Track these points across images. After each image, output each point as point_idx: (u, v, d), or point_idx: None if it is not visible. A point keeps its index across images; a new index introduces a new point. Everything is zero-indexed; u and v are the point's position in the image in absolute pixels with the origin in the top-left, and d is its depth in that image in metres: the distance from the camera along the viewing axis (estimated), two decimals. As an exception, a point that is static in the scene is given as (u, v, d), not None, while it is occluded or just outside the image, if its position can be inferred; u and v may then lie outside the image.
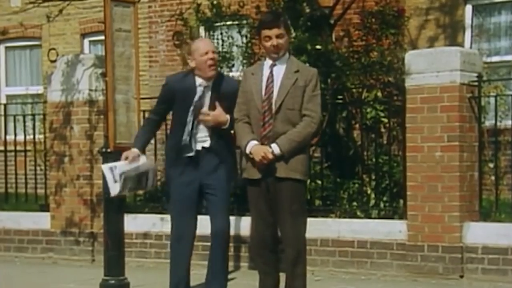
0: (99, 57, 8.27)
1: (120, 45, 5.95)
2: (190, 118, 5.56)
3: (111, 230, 6.05)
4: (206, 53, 5.54)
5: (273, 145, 5.20)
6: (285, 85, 5.25)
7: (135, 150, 5.70)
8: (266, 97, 5.25)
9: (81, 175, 8.35)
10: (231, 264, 7.76)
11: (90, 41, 13.38)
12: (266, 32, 5.33)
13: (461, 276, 6.87)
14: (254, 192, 5.35)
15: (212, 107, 5.57)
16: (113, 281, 6.05)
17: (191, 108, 5.56)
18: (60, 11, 8.88)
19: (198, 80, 5.58)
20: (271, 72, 5.32)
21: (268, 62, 5.39)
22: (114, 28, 5.92)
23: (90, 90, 8.32)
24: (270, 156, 5.18)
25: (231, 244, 7.84)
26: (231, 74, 9.28)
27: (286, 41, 5.36)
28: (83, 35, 13.35)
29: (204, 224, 5.85)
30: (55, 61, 8.61)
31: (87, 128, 8.34)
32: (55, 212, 8.52)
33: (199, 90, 5.57)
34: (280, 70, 5.31)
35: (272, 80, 5.29)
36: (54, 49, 9.04)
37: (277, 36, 5.29)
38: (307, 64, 8.25)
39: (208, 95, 5.59)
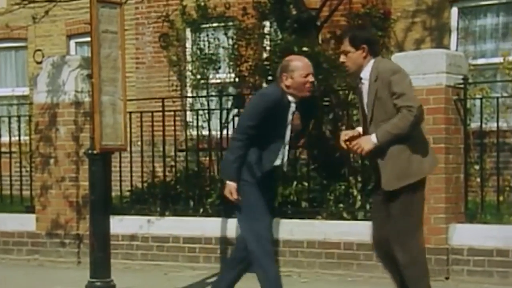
0: (86, 58, 8.25)
1: (106, 47, 5.93)
2: (287, 137, 5.53)
3: (97, 232, 6.03)
4: (307, 75, 5.42)
5: (373, 135, 5.06)
6: (370, 100, 5.16)
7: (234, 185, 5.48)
8: (361, 113, 5.26)
9: (67, 177, 8.33)
10: (217, 266, 7.77)
11: (76, 43, 13.34)
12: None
13: (447, 278, 6.89)
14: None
15: (294, 119, 5.56)
16: (99, 283, 6.02)
17: (288, 127, 5.50)
18: (46, 12, 8.85)
19: (289, 97, 5.48)
20: (359, 85, 5.27)
21: None
22: (100, 30, 5.90)
23: (76, 91, 8.30)
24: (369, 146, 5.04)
25: (217, 246, 7.87)
26: (217, 75, 9.31)
27: (351, 57, 5.18)
28: (69, 37, 13.31)
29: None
30: (41, 62, 8.60)
31: (73, 130, 8.32)
32: (40, 213, 8.49)
33: (293, 107, 5.53)
34: (366, 82, 5.21)
35: (362, 93, 5.23)
36: (40, 50, 9.01)
37: (343, 53, 5.26)
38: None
39: (291, 111, 5.57)
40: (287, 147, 5.57)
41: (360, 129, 5.35)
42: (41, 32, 13.13)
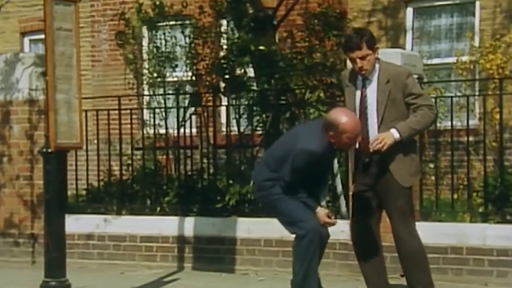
0: (40, 56, 8.16)
1: (61, 44, 5.86)
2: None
3: (52, 231, 5.96)
4: (354, 137, 5.36)
5: (393, 130, 5.32)
6: (381, 100, 5.38)
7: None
8: (361, 113, 5.41)
9: (21, 175, 8.23)
10: (174, 264, 7.75)
11: (30, 40, 13.17)
12: (349, 55, 5.47)
13: (402, 275, 6.95)
14: None
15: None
16: (54, 283, 5.96)
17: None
18: (-1, 8, 8.75)
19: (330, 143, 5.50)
20: (364, 86, 5.46)
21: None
22: (54, 27, 5.83)
23: (31, 89, 8.20)
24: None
25: (174, 245, 7.85)
26: (174, 74, 9.27)
27: (370, 59, 5.41)
28: (23, 34, 13.14)
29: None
30: (-6, 59, 8.46)
31: (27, 128, 8.22)
32: (-7, 213, 8.38)
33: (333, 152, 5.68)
34: (373, 83, 5.44)
35: (366, 95, 5.44)
36: (-8, 47, 8.92)
37: (361, 58, 5.39)
38: (249, 65, 8.33)
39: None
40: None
41: None
42: (-7, 29, 12.95)
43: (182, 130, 8.36)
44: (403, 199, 5.47)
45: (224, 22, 9.63)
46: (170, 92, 9.11)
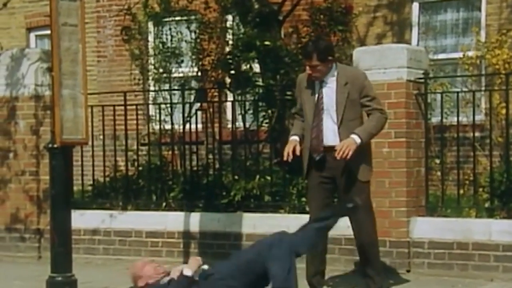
0: (46, 51, 8.16)
1: (66, 40, 5.87)
2: None
3: (58, 227, 5.98)
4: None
5: (354, 136, 5.64)
6: (340, 101, 5.73)
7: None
8: (316, 113, 5.75)
9: (27, 171, 8.24)
10: (179, 260, 7.75)
11: (36, 36, 13.17)
12: (304, 61, 5.90)
13: (408, 271, 6.95)
14: None
15: None
16: (60, 278, 5.98)
17: None
18: (4, 4, 8.75)
19: None
20: (321, 88, 5.79)
21: None
22: (60, 23, 5.84)
23: (36, 85, 8.21)
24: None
25: (180, 240, 7.86)
26: (180, 69, 9.27)
27: (320, 70, 5.73)
28: (29, 29, 13.14)
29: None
30: (-1, 55, 8.48)
31: (33, 123, 8.23)
32: (-1, 208, 8.40)
33: None
34: (331, 86, 5.78)
35: (322, 97, 5.77)
36: (-2, 43, 8.93)
37: (311, 67, 5.73)
38: (255, 61, 8.31)
39: None
40: None
41: (296, 138, 5.83)
42: (-1, 25, 12.96)
43: (187, 125, 8.36)
44: (361, 192, 5.77)
45: (230, 17, 9.62)
46: (176, 87, 9.10)
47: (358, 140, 5.63)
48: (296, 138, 5.86)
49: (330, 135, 5.75)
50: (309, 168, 5.88)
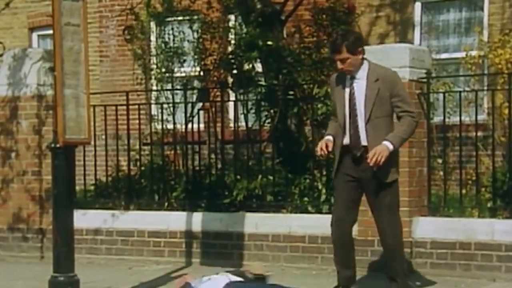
0: (48, 51, 8.17)
1: (69, 40, 5.87)
2: None
3: (60, 226, 5.98)
4: None
5: (386, 142, 5.61)
6: (369, 96, 5.68)
7: None
8: (351, 109, 5.70)
9: (29, 171, 8.25)
10: (182, 260, 7.76)
11: (38, 35, 13.19)
12: (333, 56, 5.85)
13: (410, 271, 6.95)
14: None
15: None
16: (62, 278, 5.97)
17: None
18: (7, 4, 8.74)
19: None
20: (352, 84, 5.74)
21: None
22: (62, 22, 5.84)
23: (39, 84, 8.21)
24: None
25: (182, 240, 7.86)
26: (182, 69, 9.27)
27: (351, 62, 5.69)
28: (32, 29, 13.15)
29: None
30: (1, 55, 8.48)
31: (36, 123, 8.24)
32: (2, 208, 8.39)
33: None
34: (361, 82, 5.73)
35: (354, 92, 5.72)
36: (1, 43, 8.89)
37: (341, 61, 5.68)
38: (257, 60, 8.32)
39: None
40: None
41: (330, 137, 5.80)
42: (1, 25, 12.96)
43: (190, 125, 8.37)
44: (388, 195, 5.77)
45: (232, 17, 9.63)
46: (178, 87, 9.11)
47: (391, 147, 5.62)
48: (330, 137, 5.84)
49: (361, 132, 5.74)
50: (338, 167, 5.84)
